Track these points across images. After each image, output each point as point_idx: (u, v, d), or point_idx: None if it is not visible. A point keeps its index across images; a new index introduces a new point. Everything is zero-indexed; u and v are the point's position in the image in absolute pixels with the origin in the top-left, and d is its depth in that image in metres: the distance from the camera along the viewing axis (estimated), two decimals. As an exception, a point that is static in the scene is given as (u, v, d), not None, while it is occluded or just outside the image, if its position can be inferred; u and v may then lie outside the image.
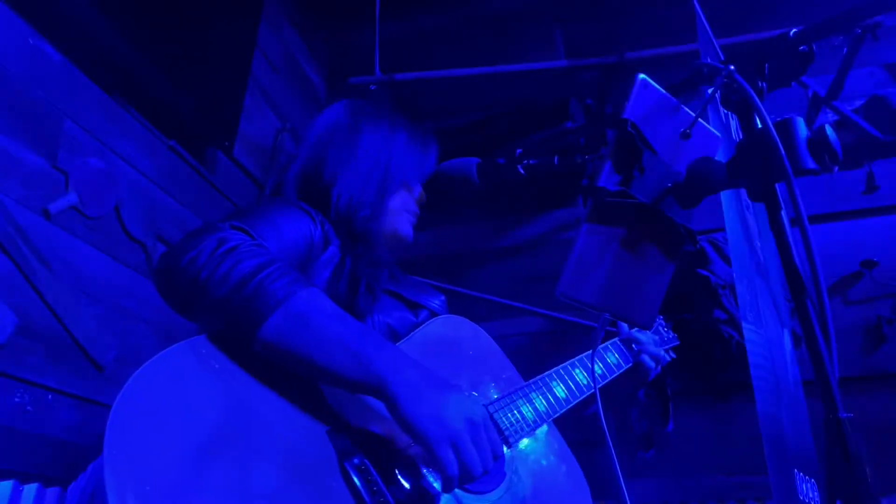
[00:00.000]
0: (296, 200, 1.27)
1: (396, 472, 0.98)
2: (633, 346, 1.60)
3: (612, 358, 1.53)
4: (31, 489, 1.52)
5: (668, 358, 1.71)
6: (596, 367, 1.43)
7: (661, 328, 1.77)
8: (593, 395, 1.32)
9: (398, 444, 1.02)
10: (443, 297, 1.44)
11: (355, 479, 0.93)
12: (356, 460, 0.95)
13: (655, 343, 1.66)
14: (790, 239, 0.77)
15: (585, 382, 1.38)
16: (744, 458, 2.35)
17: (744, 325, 1.57)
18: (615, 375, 1.50)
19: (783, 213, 0.78)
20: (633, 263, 0.87)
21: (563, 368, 1.36)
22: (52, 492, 1.57)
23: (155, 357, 0.90)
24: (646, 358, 1.59)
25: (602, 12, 3.04)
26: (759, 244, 1.85)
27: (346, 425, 0.99)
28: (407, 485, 0.98)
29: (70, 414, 1.63)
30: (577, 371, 1.39)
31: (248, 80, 2.59)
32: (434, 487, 1.00)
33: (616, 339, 1.59)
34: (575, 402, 1.33)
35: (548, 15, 3.08)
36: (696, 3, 1.77)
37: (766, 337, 1.70)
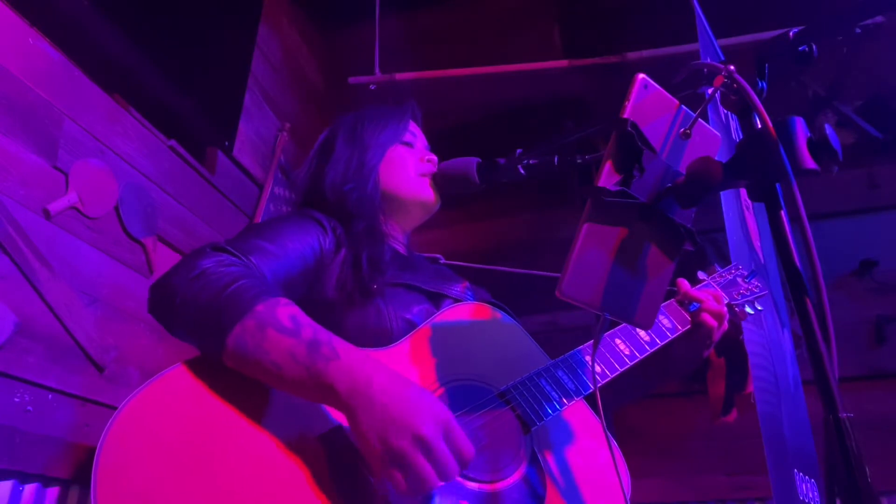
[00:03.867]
0: (311, 212, 1.33)
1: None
2: (691, 305, 1.45)
3: (665, 321, 1.41)
4: (31, 489, 1.52)
5: (747, 312, 1.55)
6: (643, 334, 1.33)
7: (739, 279, 1.60)
8: (640, 364, 1.27)
9: None
10: (466, 283, 1.43)
11: (347, 480, 0.93)
12: (346, 461, 0.95)
13: (732, 298, 1.52)
14: (790, 239, 0.77)
15: (629, 353, 1.29)
16: (744, 458, 2.35)
17: (744, 325, 1.57)
18: (668, 340, 1.37)
19: (783, 212, 0.78)
20: (633, 263, 0.87)
21: (601, 342, 1.25)
22: (51, 492, 1.57)
23: (137, 392, 0.94)
24: (706, 317, 1.42)
25: (602, 12, 3.04)
26: (759, 244, 1.85)
27: (336, 427, 0.99)
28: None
29: (70, 414, 1.63)
30: (618, 341, 1.30)
31: (248, 80, 2.60)
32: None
33: (672, 299, 1.46)
34: (614, 376, 1.25)
35: (548, 15, 3.08)
36: (696, 3, 1.77)
37: (766, 337, 1.70)
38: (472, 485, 1.03)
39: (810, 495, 1.54)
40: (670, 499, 2.40)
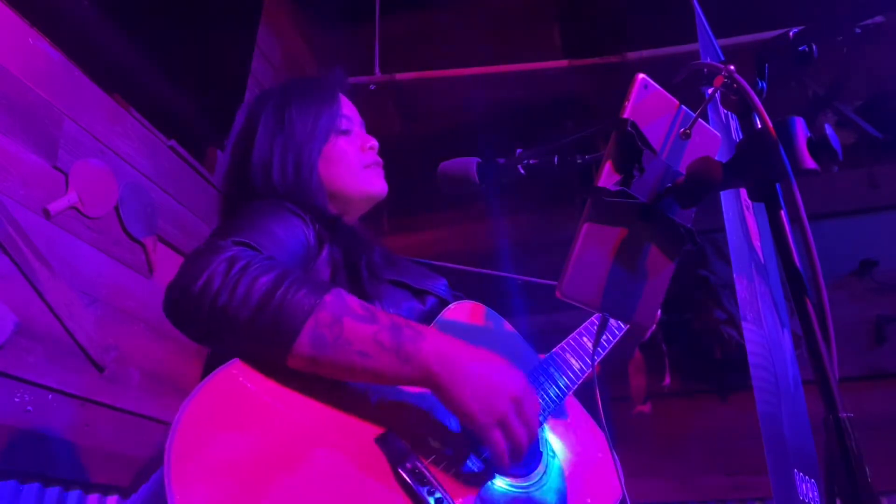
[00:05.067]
0: (286, 204, 1.21)
1: (449, 470, 0.99)
2: None
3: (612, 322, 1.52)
4: (31, 489, 1.52)
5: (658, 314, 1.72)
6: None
7: None
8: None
9: (445, 441, 1.02)
10: (444, 280, 1.42)
11: (411, 483, 0.92)
12: (408, 464, 0.94)
13: None
14: (790, 239, 0.77)
15: (578, 367, 1.36)
16: (744, 458, 2.35)
17: (744, 325, 1.57)
18: (615, 342, 1.48)
19: (783, 212, 0.78)
20: (633, 263, 0.87)
21: (573, 339, 1.36)
22: (51, 492, 1.57)
23: (197, 390, 0.88)
24: None
25: (602, 12, 3.04)
26: (759, 244, 1.84)
27: (391, 430, 0.98)
28: (461, 481, 0.98)
29: (70, 414, 1.63)
30: (586, 339, 1.38)
31: (248, 80, 2.59)
32: (486, 481, 1.02)
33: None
34: (584, 378, 1.32)
35: (548, 15, 3.08)
36: (696, 3, 1.77)
37: (766, 337, 1.70)
38: (516, 482, 1.07)
39: (810, 495, 1.54)
40: (670, 499, 2.40)
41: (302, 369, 0.93)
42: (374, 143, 1.42)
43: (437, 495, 0.93)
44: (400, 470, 0.93)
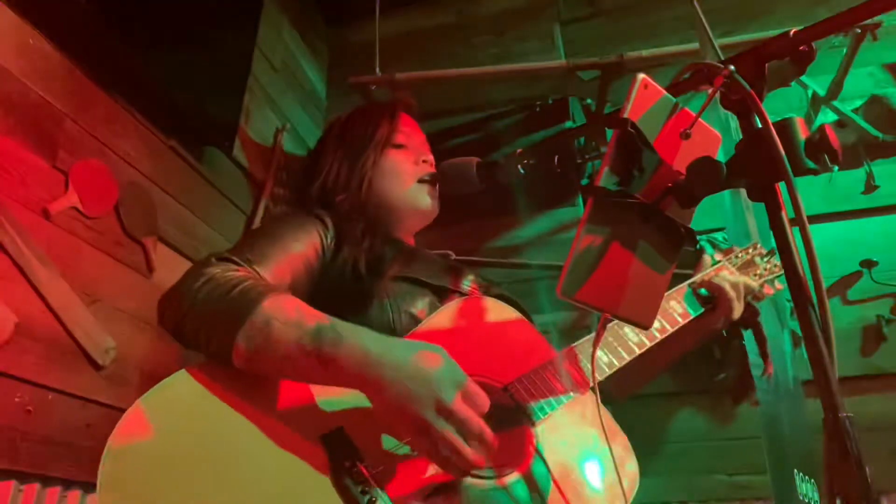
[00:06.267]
0: (314, 210, 1.32)
1: (388, 471, 0.98)
2: (702, 291, 1.43)
3: (677, 307, 1.40)
4: (30, 489, 1.52)
5: (764, 294, 1.53)
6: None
7: (757, 258, 1.58)
8: (649, 351, 1.27)
9: (389, 442, 1.02)
10: (475, 278, 1.43)
11: (347, 482, 0.93)
12: (347, 463, 0.95)
13: (753, 277, 1.49)
14: (790, 239, 0.77)
15: (637, 340, 1.28)
16: (744, 458, 2.35)
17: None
18: (678, 326, 1.37)
19: (783, 212, 0.78)
20: (633, 263, 0.87)
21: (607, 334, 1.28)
22: (51, 492, 1.57)
23: (143, 396, 0.95)
24: (720, 304, 1.41)
25: (602, 12, 3.04)
26: (759, 244, 1.84)
27: (338, 429, 0.99)
28: (397, 482, 0.97)
29: (70, 414, 1.63)
30: (627, 329, 1.29)
31: (248, 80, 2.59)
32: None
33: (685, 283, 1.44)
34: (621, 366, 1.24)
35: (548, 15, 3.08)
36: (695, 3, 1.77)
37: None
38: (479, 482, 1.03)
39: (810, 495, 1.54)
40: (670, 499, 2.40)
41: (248, 370, 0.99)
42: (430, 157, 1.47)
43: (372, 495, 0.92)
44: (338, 468, 0.94)
